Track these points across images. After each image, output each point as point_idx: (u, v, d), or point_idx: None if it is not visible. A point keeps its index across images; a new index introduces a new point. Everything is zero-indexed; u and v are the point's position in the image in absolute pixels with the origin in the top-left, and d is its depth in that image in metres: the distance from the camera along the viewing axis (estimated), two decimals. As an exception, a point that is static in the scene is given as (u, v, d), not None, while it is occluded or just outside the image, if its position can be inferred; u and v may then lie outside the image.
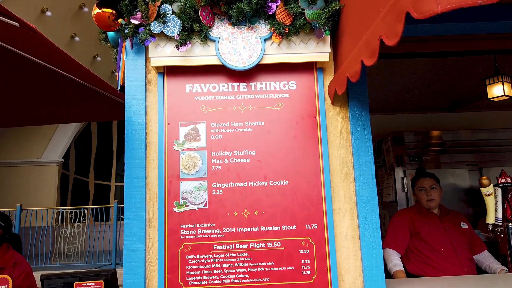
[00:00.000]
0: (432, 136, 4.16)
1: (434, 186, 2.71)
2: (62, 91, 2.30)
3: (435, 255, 2.50)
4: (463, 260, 2.47)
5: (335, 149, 1.81)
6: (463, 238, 2.57)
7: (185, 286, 1.65)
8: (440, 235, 2.54)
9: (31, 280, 2.23)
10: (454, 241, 2.52)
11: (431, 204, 2.67)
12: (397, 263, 2.51)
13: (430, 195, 2.68)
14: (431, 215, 2.66)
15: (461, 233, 2.58)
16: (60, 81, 2.15)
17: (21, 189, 9.39)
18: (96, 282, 1.74)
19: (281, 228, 1.72)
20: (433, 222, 2.61)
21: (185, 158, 1.76)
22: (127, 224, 1.68)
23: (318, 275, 1.68)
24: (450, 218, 2.66)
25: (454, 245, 2.50)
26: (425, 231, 2.57)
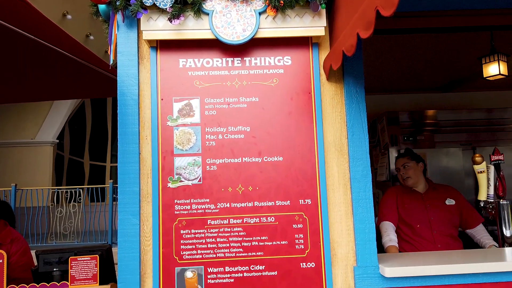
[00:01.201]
0: (427, 116, 4.16)
1: (407, 164, 2.72)
2: (53, 66, 2.26)
3: (410, 231, 2.57)
4: (438, 237, 2.50)
5: (330, 125, 1.80)
6: (446, 215, 2.58)
7: (180, 260, 1.67)
8: (418, 213, 2.58)
9: (28, 256, 2.24)
10: (433, 218, 2.55)
11: (407, 182, 2.71)
12: (392, 238, 2.54)
13: (403, 174, 2.72)
14: (414, 193, 2.68)
15: (443, 210, 2.59)
16: (51, 56, 2.11)
17: (16, 170, 9.36)
18: (91, 257, 1.75)
19: (275, 203, 1.73)
20: (414, 200, 2.64)
21: (179, 134, 1.75)
22: (121, 199, 1.68)
23: (311, 249, 1.70)
24: (435, 194, 2.67)
25: (432, 222, 2.53)
26: (404, 208, 2.62)
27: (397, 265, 1.67)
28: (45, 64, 2.32)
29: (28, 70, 2.37)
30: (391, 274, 1.63)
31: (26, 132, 9.94)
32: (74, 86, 2.55)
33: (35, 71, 2.36)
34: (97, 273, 1.74)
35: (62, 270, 1.83)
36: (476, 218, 2.68)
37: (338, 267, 1.71)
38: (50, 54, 2.05)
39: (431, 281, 1.68)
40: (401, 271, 1.63)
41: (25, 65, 2.33)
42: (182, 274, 1.66)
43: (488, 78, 3.57)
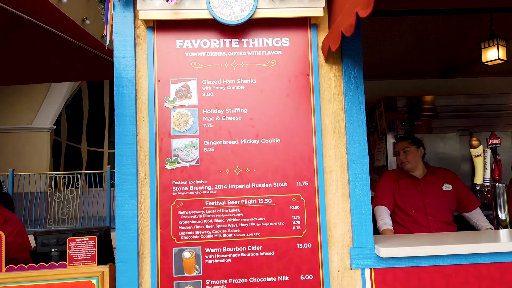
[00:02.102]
0: (424, 101, 4.16)
1: (407, 149, 2.71)
2: (49, 47, 2.23)
3: (405, 216, 2.58)
4: (433, 222, 2.52)
5: (328, 107, 1.80)
6: (442, 200, 2.60)
7: (178, 240, 1.68)
8: (413, 199, 2.59)
9: (23, 237, 2.24)
10: (428, 204, 2.56)
11: (405, 167, 2.70)
12: (387, 221, 2.57)
13: (402, 158, 2.71)
14: (412, 179, 2.68)
15: (439, 196, 2.60)
16: (47, 37, 2.08)
17: (13, 156, 9.34)
18: (90, 238, 1.76)
19: (272, 185, 1.74)
20: (411, 186, 2.64)
21: (176, 116, 1.74)
22: (118, 180, 1.69)
23: (308, 230, 1.72)
24: (433, 180, 2.67)
25: (427, 208, 2.55)
26: (400, 193, 2.62)
27: (392, 245, 1.69)
28: (40, 45, 2.30)
29: (23, 52, 2.34)
30: (386, 255, 1.65)
31: (22, 118, 9.89)
32: (71, 68, 2.53)
33: (30, 52, 2.33)
34: (95, 253, 1.75)
35: (61, 251, 1.85)
36: (473, 202, 2.70)
37: (335, 247, 1.73)
38: (46, 35, 2.02)
39: (426, 261, 1.70)
40: (396, 251, 1.65)
41: (20, 47, 2.30)
42: (180, 254, 1.67)
43: (487, 63, 3.56)
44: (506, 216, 2.27)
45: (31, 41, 2.22)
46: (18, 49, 2.31)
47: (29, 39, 2.21)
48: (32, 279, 1.70)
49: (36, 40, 2.18)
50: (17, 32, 2.14)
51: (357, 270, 1.72)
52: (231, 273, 1.68)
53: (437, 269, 1.71)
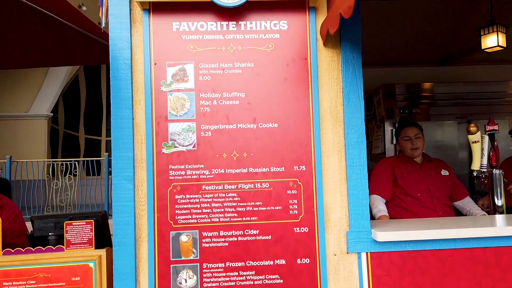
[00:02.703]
0: (423, 89, 4.14)
1: (419, 135, 2.73)
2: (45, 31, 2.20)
3: (411, 200, 2.58)
4: (438, 204, 2.54)
5: (326, 91, 1.78)
6: (442, 184, 2.63)
7: (175, 224, 1.68)
8: (418, 182, 2.60)
9: (20, 222, 2.23)
10: (432, 186, 2.58)
11: (415, 153, 2.70)
12: (381, 208, 2.58)
13: (414, 144, 2.71)
14: (412, 163, 2.70)
15: (440, 180, 2.63)
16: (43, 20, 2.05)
17: (10, 143, 9.31)
18: (87, 222, 1.75)
19: (269, 169, 1.74)
20: (413, 170, 2.66)
21: (173, 99, 1.73)
22: (115, 164, 1.68)
23: (305, 215, 1.72)
24: (431, 165, 2.71)
25: (431, 191, 2.56)
26: (403, 177, 2.62)
27: (389, 230, 1.69)
28: (37, 29, 2.26)
29: (18, 36, 2.31)
30: (383, 239, 1.66)
31: (19, 105, 9.84)
32: (67, 52, 2.49)
33: (25, 36, 2.30)
34: (92, 237, 1.75)
35: (58, 235, 1.84)
36: (464, 190, 2.76)
37: (331, 231, 1.73)
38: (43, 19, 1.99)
39: (422, 245, 1.71)
40: (393, 235, 1.66)
41: (15, 30, 2.27)
42: (177, 238, 1.67)
43: (486, 50, 3.54)
44: (502, 202, 2.28)
45: (27, 24, 2.18)
46: (15, 32, 2.27)
47: (25, 23, 2.18)
48: (29, 262, 1.70)
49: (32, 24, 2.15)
50: (13, 16, 2.10)
51: (354, 254, 1.73)
52: (228, 257, 1.68)
53: (433, 253, 1.72)
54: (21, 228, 2.21)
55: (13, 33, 2.26)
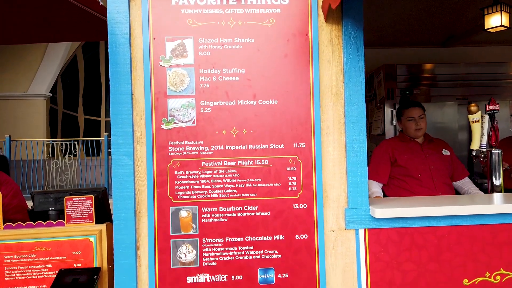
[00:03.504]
0: (424, 69, 4.10)
1: (423, 116, 2.73)
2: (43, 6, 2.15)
3: (411, 180, 2.59)
4: (438, 184, 2.56)
5: (326, 68, 1.77)
6: (443, 164, 2.64)
7: (174, 200, 1.69)
8: (419, 162, 2.61)
9: (20, 199, 2.23)
10: (433, 167, 2.59)
11: (418, 133, 2.71)
12: (375, 191, 2.60)
13: (418, 125, 2.70)
14: (413, 143, 2.71)
15: (441, 160, 2.65)
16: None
17: (9, 123, 9.28)
18: (87, 197, 1.76)
19: (269, 146, 1.74)
20: (414, 150, 2.67)
21: (172, 75, 1.71)
22: (114, 140, 1.68)
23: (304, 191, 1.73)
24: (433, 145, 2.72)
25: (432, 171, 2.57)
26: (404, 158, 2.63)
27: (387, 207, 1.71)
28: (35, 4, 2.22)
29: (16, 10, 2.27)
30: (381, 215, 1.67)
31: (18, 85, 9.77)
32: (65, 28, 2.46)
33: (23, 11, 2.26)
34: (92, 212, 1.76)
35: (58, 210, 1.86)
36: (464, 170, 2.78)
37: (330, 208, 1.75)
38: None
39: (420, 222, 1.73)
40: (391, 212, 1.67)
41: (13, 5, 2.23)
42: (176, 213, 1.69)
43: (489, 30, 3.48)
44: (500, 182, 2.29)
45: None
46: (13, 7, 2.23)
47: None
48: (30, 236, 1.72)
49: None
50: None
51: (351, 230, 1.75)
52: (227, 232, 1.70)
53: (430, 230, 1.74)
54: (21, 204, 2.22)
55: (11, 8, 2.22)
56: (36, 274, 1.71)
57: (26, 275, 1.71)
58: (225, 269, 1.69)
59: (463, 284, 1.74)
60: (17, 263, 1.71)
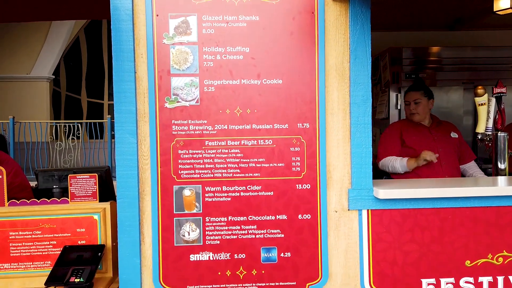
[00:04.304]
0: (430, 53, 4.05)
1: (419, 100, 2.69)
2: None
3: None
4: (446, 168, 2.55)
5: (332, 47, 1.74)
6: (451, 147, 2.65)
7: (178, 179, 1.69)
8: (427, 145, 2.60)
9: (22, 178, 2.22)
10: (441, 150, 2.58)
11: (414, 118, 2.70)
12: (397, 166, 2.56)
13: (412, 109, 2.69)
14: (420, 127, 2.70)
15: (449, 143, 2.65)
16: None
17: (13, 105, 9.29)
18: (90, 175, 1.77)
19: (273, 126, 1.72)
20: (422, 133, 2.66)
21: (176, 53, 1.69)
22: (117, 118, 1.67)
23: (308, 172, 1.72)
24: (441, 128, 2.71)
25: (441, 154, 2.56)
26: (413, 140, 2.62)
27: (391, 188, 1.70)
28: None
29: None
30: (384, 196, 1.67)
31: (21, 67, 9.75)
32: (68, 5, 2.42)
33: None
34: (96, 191, 1.77)
35: (62, 187, 1.87)
36: (470, 153, 2.79)
37: (333, 189, 1.74)
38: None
39: (423, 203, 1.72)
40: (394, 193, 1.67)
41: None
42: (180, 192, 1.69)
43: (498, 13, 3.41)
44: (505, 166, 2.28)
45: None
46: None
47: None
48: (34, 213, 1.73)
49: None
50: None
51: (355, 211, 1.75)
52: (231, 211, 1.70)
53: (434, 212, 1.73)
54: (23, 183, 2.22)
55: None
56: (41, 250, 1.73)
57: (31, 251, 1.73)
58: (228, 247, 1.70)
59: (465, 266, 1.75)
60: (22, 240, 1.73)
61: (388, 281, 1.74)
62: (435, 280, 1.75)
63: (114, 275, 1.78)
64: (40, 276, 1.70)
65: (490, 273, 1.75)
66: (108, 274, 1.77)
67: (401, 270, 1.74)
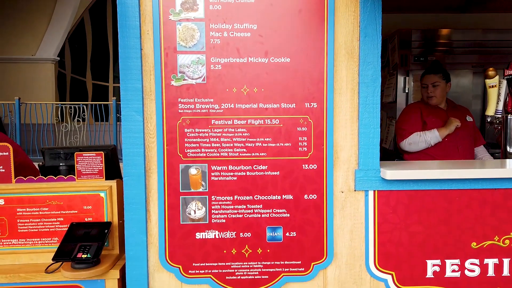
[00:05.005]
0: (440, 35, 3.97)
1: (437, 83, 2.67)
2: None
3: (436, 145, 2.56)
4: (462, 152, 2.56)
5: (342, 25, 1.70)
6: (467, 131, 2.66)
7: (184, 157, 1.69)
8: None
9: (22, 156, 2.19)
10: (458, 134, 2.58)
11: (431, 101, 2.68)
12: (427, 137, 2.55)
13: (430, 92, 2.67)
14: (437, 109, 2.70)
15: (466, 126, 2.66)
16: None
17: (18, 86, 9.31)
18: (97, 153, 1.77)
19: (280, 105, 1.70)
20: (439, 115, 2.66)
21: (182, 30, 1.66)
22: (123, 95, 1.65)
23: (314, 152, 1.71)
24: (457, 112, 2.72)
25: (457, 138, 2.56)
26: (433, 121, 2.61)
27: (398, 169, 1.69)
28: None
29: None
30: (392, 177, 1.65)
31: (26, 48, 9.72)
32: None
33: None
34: (103, 168, 1.77)
35: (69, 165, 1.87)
36: (481, 138, 2.81)
37: (340, 169, 1.73)
38: None
39: (431, 185, 1.71)
40: (402, 174, 1.65)
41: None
42: (186, 171, 1.69)
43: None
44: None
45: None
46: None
47: None
48: (41, 190, 1.74)
49: None
50: None
51: (361, 192, 1.74)
52: (237, 190, 1.70)
53: (441, 193, 1.72)
54: (25, 161, 2.20)
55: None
56: (48, 226, 1.75)
57: (39, 228, 1.75)
58: (233, 226, 1.71)
59: (471, 247, 1.74)
60: (29, 216, 1.74)
61: (393, 262, 1.74)
62: (440, 261, 1.75)
63: (120, 252, 1.80)
64: (48, 252, 1.72)
65: (496, 255, 1.75)
66: (114, 251, 1.79)
67: (406, 251, 1.74)
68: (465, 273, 1.75)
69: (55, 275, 1.62)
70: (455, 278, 1.75)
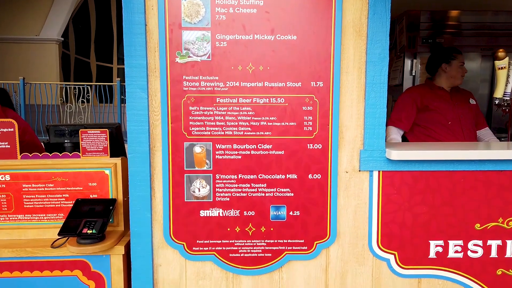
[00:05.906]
0: (449, 17, 3.89)
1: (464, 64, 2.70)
2: None
3: (440, 128, 2.56)
4: (467, 134, 2.55)
5: (350, 2, 1.67)
6: (471, 113, 2.66)
7: (189, 135, 1.68)
8: (449, 110, 2.59)
9: (30, 135, 2.20)
10: (462, 116, 2.57)
11: (460, 81, 2.67)
12: (394, 137, 2.56)
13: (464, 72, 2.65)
14: (442, 92, 2.66)
15: (469, 109, 2.65)
16: None
17: (22, 67, 9.29)
18: (101, 131, 1.77)
19: (285, 84, 1.69)
20: (443, 98, 2.63)
21: (187, 5, 1.63)
22: (128, 72, 1.64)
23: (320, 131, 1.70)
24: (460, 95, 2.71)
25: (461, 120, 2.55)
26: (435, 105, 2.59)
27: (404, 149, 1.67)
28: None
29: None
30: (397, 157, 1.64)
31: (29, 28, 9.66)
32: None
33: None
34: (107, 146, 1.78)
35: (73, 142, 1.88)
36: (484, 120, 2.78)
37: (345, 149, 1.72)
38: None
39: (436, 166, 1.70)
40: (407, 154, 1.64)
41: None
42: (191, 149, 1.68)
43: (525, -26, 3.24)
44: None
45: None
46: None
47: None
48: (47, 167, 1.75)
49: None
50: None
51: (365, 172, 1.73)
52: (241, 169, 1.70)
53: (446, 174, 1.71)
54: (33, 141, 2.22)
55: None
56: (53, 203, 1.76)
57: (44, 204, 1.76)
58: (237, 204, 1.71)
59: (475, 229, 1.74)
60: (35, 192, 1.75)
61: (396, 242, 1.75)
62: (443, 242, 1.75)
63: (125, 229, 1.81)
64: (54, 227, 1.74)
65: (499, 236, 1.75)
66: (119, 227, 1.80)
67: (409, 232, 1.74)
68: (467, 254, 1.76)
69: (61, 250, 1.64)
70: (458, 259, 1.76)
